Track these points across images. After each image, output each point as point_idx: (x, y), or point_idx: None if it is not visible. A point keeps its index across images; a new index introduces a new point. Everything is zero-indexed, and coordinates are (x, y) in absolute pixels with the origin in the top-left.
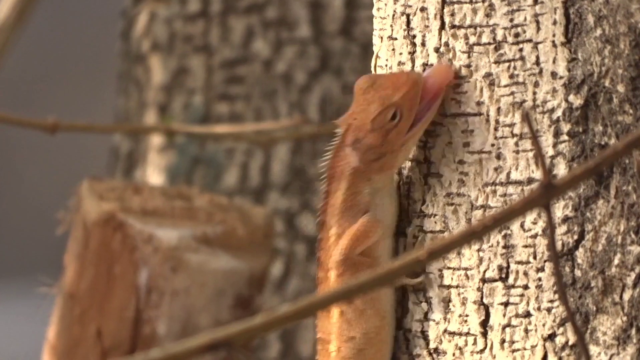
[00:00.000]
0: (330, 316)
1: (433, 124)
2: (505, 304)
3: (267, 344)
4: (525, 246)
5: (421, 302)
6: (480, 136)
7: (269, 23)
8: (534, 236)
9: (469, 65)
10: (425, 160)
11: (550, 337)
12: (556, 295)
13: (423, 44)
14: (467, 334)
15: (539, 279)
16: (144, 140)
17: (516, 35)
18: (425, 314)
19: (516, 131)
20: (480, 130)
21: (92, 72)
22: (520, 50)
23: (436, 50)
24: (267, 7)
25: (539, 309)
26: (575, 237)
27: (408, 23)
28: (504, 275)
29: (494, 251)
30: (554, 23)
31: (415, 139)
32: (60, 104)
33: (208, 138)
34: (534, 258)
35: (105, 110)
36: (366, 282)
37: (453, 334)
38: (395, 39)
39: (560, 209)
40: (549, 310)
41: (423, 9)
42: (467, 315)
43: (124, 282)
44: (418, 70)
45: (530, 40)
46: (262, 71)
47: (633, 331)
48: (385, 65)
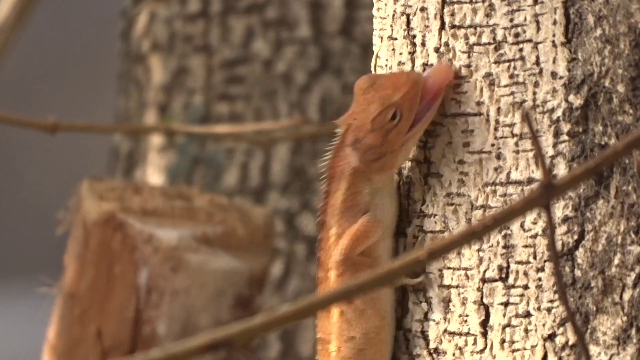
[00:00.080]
0: (330, 316)
1: (433, 124)
2: (505, 304)
3: (267, 344)
4: (525, 246)
5: (421, 302)
6: (480, 136)
7: (269, 23)
8: (534, 236)
9: (469, 65)
10: (425, 160)
11: (550, 337)
12: (556, 295)
13: (423, 44)
14: (467, 334)
15: (539, 279)
16: (144, 140)
17: (516, 35)
18: (425, 314)
19: (516, 131)
20: (480, 130)
21: (92, 72)
22: (520, 50)
23: (436, 50)
24: (267, 7)
25: (539, 309)
26: (575, 237)
27: (408, 23)
28: (504, 275)
29: (494, 251)
30: (554, 23)
31: (415, 139)
32: (60, 104)
33: (208, 138)
34: (534, 258)
35: (105, 110)
36: (366, 282)
37: (453, 334)
38: (395, 39)
39: (560, 209)
40: (549, 310)
41: (423, 9)
42: (467, 315)
43: (124, 282)
44: (418, 70)
45: (530, 40)
46: (262, 71)
47: (633, 331)
48: (385, 65)
